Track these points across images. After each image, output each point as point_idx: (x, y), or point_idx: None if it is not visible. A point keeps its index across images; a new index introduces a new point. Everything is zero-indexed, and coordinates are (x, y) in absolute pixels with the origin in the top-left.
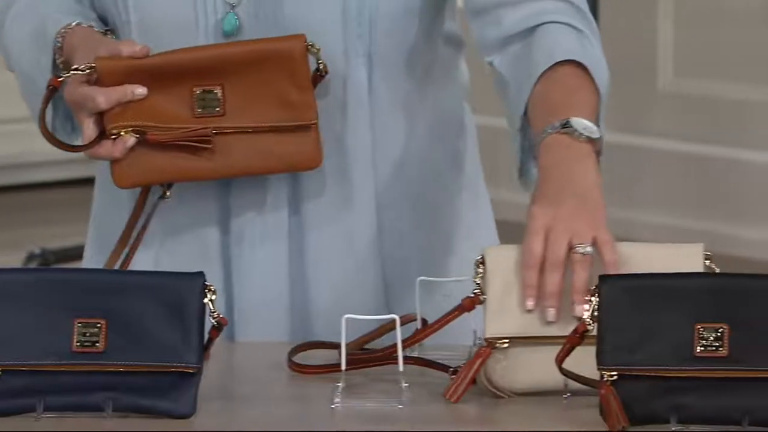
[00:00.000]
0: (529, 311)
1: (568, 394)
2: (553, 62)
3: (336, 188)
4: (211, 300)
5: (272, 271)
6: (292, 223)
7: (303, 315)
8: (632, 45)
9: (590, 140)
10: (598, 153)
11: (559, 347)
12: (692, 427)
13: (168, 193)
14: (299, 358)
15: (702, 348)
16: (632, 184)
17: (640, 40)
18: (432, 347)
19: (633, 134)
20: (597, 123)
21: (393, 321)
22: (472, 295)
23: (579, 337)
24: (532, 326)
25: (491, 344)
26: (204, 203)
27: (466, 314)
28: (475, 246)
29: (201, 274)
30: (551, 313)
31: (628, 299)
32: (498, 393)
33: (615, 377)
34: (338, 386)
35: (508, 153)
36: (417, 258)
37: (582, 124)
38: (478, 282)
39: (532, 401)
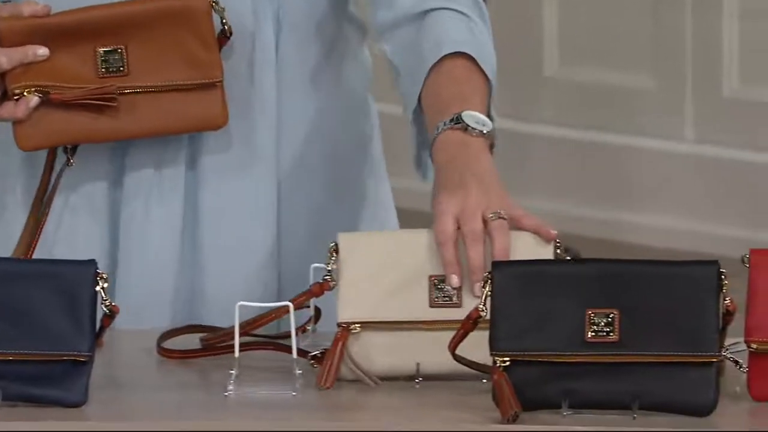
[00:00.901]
0: (390, 295)
1: (420, 379)
2: (441, 55)
3: (237, 149)
4: (103, 288)
5: (164, 232)
6: (188, 178)
7: (192, 276)
8: (518, 31)
9: (483, 134)
10: (491, 146)
11: (411, 333)
12: (583, 412)
13: (72, 161)
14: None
15: (593, 333)
16: (519, 170)
17: (525, 26)
18: (324, 335)
19: (519, 121)
20: (489, 112)
21: (285, 307)
22: (322, 281)
23: (472, 323)
24: (383, 311)
25: (345, 329)
26: (98, 165)
27: None
28: (377, 228)
29: (93, 262)
30: (478, 287)
31: (521, 285)
32: (363, 379)
33: (507, 363)
34: (231, 373)
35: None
36: (315, 233)
37: (474, 117)
38: (330, 269)
39: (425, 387)
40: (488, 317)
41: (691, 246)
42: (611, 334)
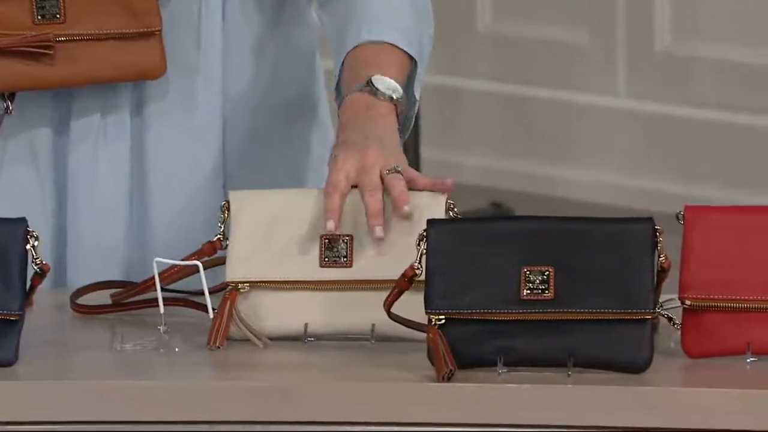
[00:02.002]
0: (280, 255)
1: (312, 339)
2: (362, 40)
3: (181, 106)
4: (33, 246)
5: (112, 177)
6: (134, 124)
7: (141, 227)
8: None
9: (393, 100)
10: (399, 114)
11: (300, 292)
12: (519, 370)
13: (11, 108)
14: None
15: (528, 291)
16: (453, 125)
17: None
18: None
19: (453, 76)
20: (407, 82)
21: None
22: (214, 240)
23: (407, 281)
24: (272, 270)
25: (234, 288)
26: (41, 112)
27: None
28: (321, 181)
29: (23, 220)
30: (379, 230)
31: (456, 243)
32: (251, 339)
33: (443, 321)
34: (159, 329)
35: None
36: (260, 183)
37: (385, 82)
38: (222, 227)
39: (347, 347)
40: (423, 276)
41: (625, 201)
42: (546, 291)
